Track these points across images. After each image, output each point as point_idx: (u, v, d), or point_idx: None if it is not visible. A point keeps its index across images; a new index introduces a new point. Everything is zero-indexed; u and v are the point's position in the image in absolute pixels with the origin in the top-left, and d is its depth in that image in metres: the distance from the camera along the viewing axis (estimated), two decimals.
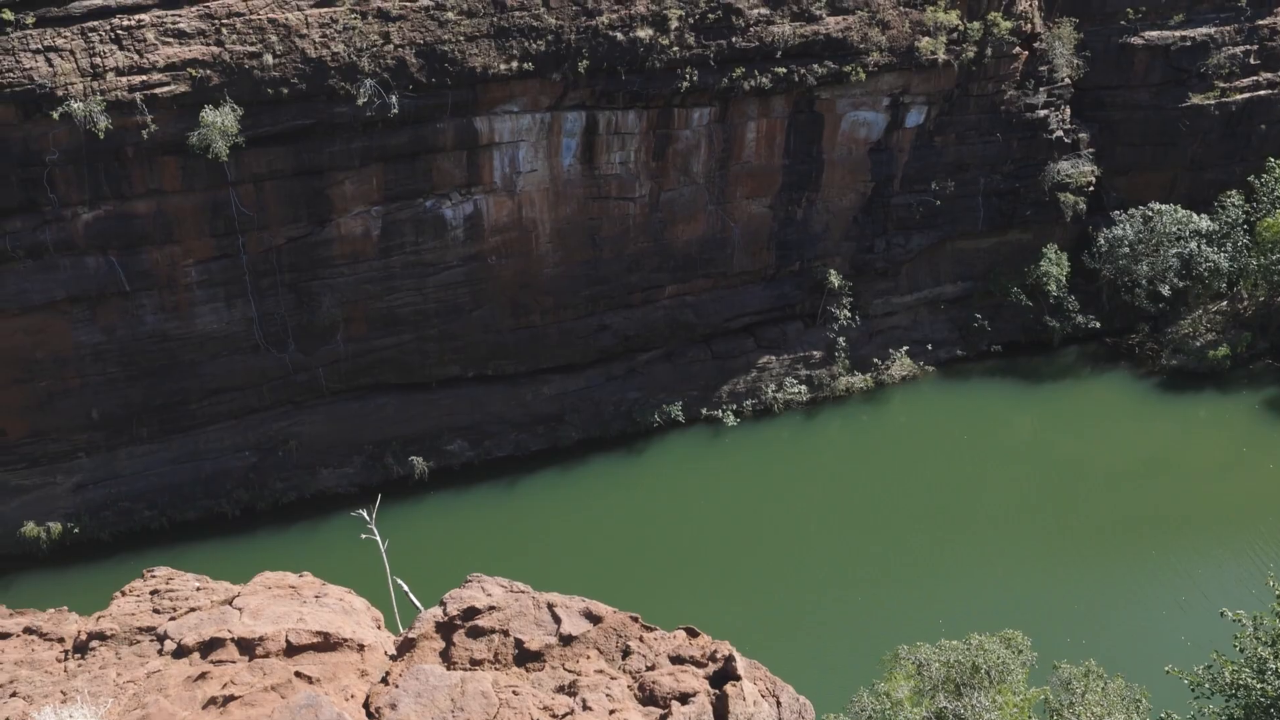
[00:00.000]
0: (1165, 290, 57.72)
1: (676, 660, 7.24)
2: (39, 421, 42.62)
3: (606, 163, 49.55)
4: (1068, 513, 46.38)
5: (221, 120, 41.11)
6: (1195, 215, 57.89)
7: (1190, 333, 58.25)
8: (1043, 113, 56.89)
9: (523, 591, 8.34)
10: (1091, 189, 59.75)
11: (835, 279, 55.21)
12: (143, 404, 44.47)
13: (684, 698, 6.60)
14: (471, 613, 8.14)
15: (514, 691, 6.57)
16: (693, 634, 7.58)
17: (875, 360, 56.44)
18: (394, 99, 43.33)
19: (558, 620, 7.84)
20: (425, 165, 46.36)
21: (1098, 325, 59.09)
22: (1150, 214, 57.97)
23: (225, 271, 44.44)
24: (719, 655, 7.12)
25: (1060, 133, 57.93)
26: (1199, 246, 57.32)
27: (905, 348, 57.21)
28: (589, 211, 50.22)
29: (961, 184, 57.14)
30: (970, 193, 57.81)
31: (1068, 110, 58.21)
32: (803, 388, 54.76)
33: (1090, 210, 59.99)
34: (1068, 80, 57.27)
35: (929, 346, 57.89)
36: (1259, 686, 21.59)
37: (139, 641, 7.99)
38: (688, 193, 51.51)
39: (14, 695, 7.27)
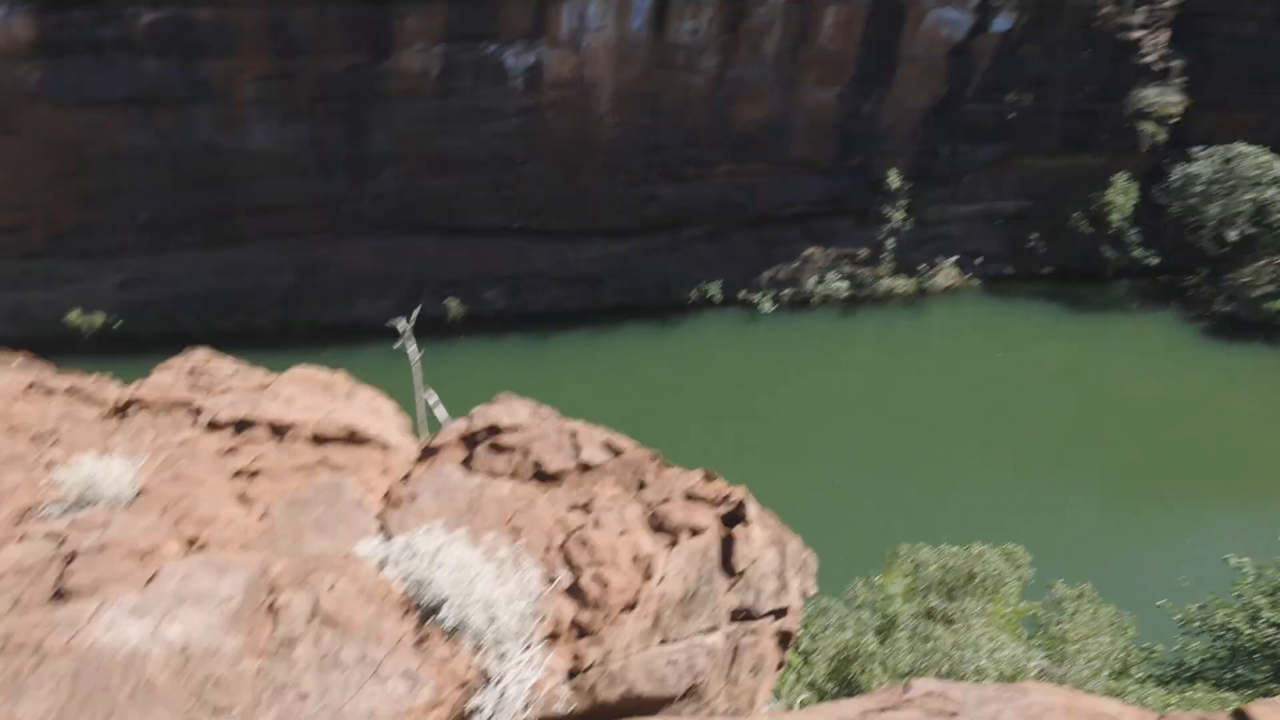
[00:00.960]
0: (1233, 235, 55.90)
1: (690, 497, 7.37)
2: (89, 216, 43.06)
3: (676, 30, 48.09)
4: (1091, 444, 46.22)
5: None
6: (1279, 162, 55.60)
7: (1250, 281, 56.69)
8: (1137, 34, 54.32)
9: (547, 417, 8.44)
10: (1175, 121, 57.45)
11: (894, 179, 53.97)
12: (191, 212, 44.79)
13: (693, 531, 6.75)
14: (495, 429, 8.26)
15: (529, 501, 6.74)
16: (710, 477, 7.70)
17: (921, 266, 55.59)
18: None
19: (578, 448, 7.95)
20: (492, 9, 45.25)
21: (1155, 262, 57.56)
22: (1232, 155, 55.75)
23: (282, 91, 44.08)
24: (732, 499, 7.24)
25: (1153, 58, 55.40)
26: (1277, 194, 55.22)
27: (954, 258, 56.22)
28: (653, 78, 49.02)
29: (1039, 98, 55.07)
30: (1047, 109, 55.77)
31: (1165, 35, 55.53)
32: (844, 284, 54.16)
33: (1169, 143, 57.78)
34: (1171, 2, 54.45)
35: (978, 260, 56.83)
36: (1248, 631, 21.75)
37: (175, 412, 8.19)
38: (755, 71, 50.06)
39: (56, 443, 7.51)
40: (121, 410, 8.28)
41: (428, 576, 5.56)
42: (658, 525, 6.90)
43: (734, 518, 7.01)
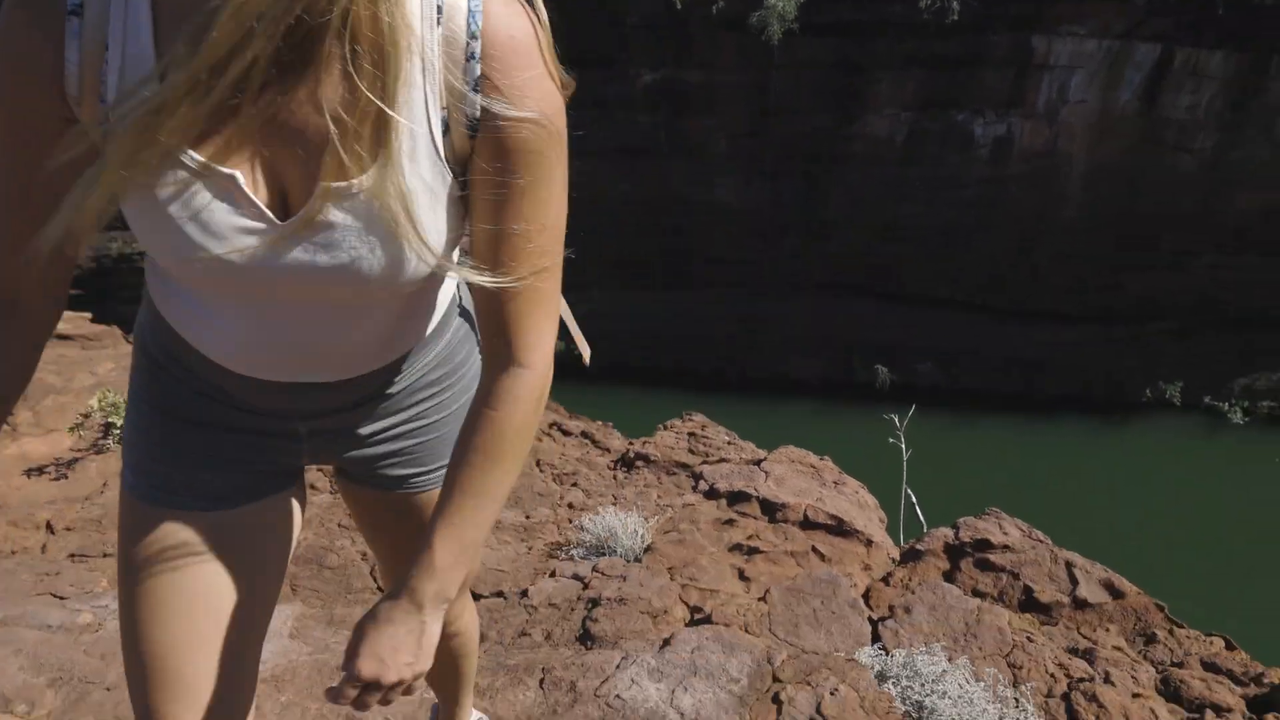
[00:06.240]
0: None
1: (1210, 667, 6.57)
2: (570, 251, 48.22)
3: (1171, 105, 44.19)
4: None
5: (782, 5, 42.47)
6: None
7: None
8: None
9: (1041, 541, 8.02)
10: None
11: None
12: (653, 256, 48.69)
13: (1218, 710, 6.00)
14: (984, 545, 7.96)
15: (1028, 638, 6.37)
16: (1230, 646, 6.83)
17: None
18: (956, 4, 41.86)
19: (1074, 581, 7.44)
20: (967, 78, 44.58)
21: None
22: None
23: (751, 149, 46.63)
24: (1265, 680, 6.35)
25: None
26: None
27: None
28: (1134, 156, 45.42)
29: None
30: None
31: None
32: None
33: None
34: None
35: None
36: None
37: (676, 474, 8.72)
38: (1263, 154, 44.53)
39: (575, 485, 8.31)
40: (628, 463, 9.07)
41: (930, 703, 5.43)
42: (1173, 693, 6.23)
43: (1267, 704, 6.14)
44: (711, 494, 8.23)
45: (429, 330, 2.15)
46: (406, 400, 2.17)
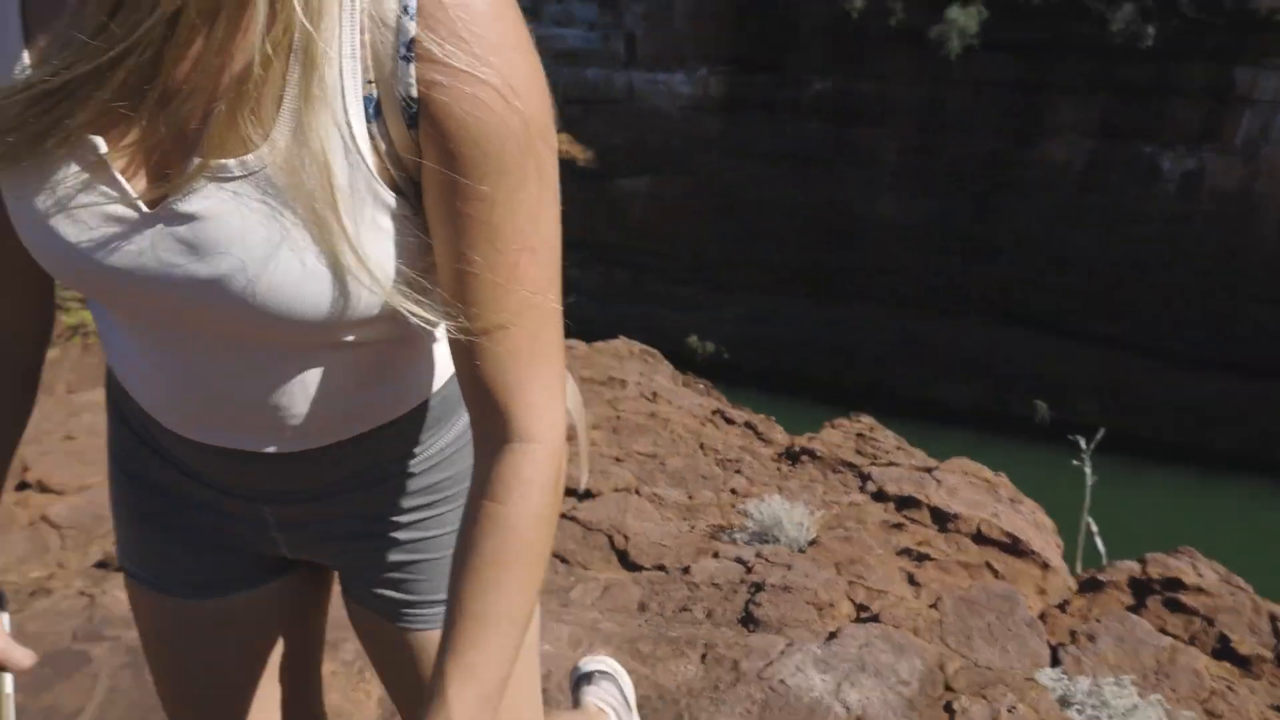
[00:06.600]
0: None
1: None
2: (727, 253, 48.17)
3: None
4: None
5: (965, 20, 41.22)
6: None
7: None
8: None
9: (1241, 589, 7.41)
10: None
11: None
12: (813, 264, 47.95)
13: None
14: (1174, 584, 7.41)
15: (1229, 686, 5.86)
16: None
17: None
18: (1151, 29, 39.72)
19: (1279, 636, 6.82)
20: (1157, 107, 42.28)
21: None
22: None
23: (921, 163, 45.44)
24: None
25: None
26: None
27: None
28: None
29: None
30: None
31: None
32: None
33: None
34: None
35: None
36: None
37: (843, 472, 8.48)
38: None
39: (738, 473, 8.16)
40: (793, 457, 8.87)
41: None
42: None
43: None
44: (880, 496, 7.96)
45: (412, 404, 1.56)
46: (394, 502, 1.62)
